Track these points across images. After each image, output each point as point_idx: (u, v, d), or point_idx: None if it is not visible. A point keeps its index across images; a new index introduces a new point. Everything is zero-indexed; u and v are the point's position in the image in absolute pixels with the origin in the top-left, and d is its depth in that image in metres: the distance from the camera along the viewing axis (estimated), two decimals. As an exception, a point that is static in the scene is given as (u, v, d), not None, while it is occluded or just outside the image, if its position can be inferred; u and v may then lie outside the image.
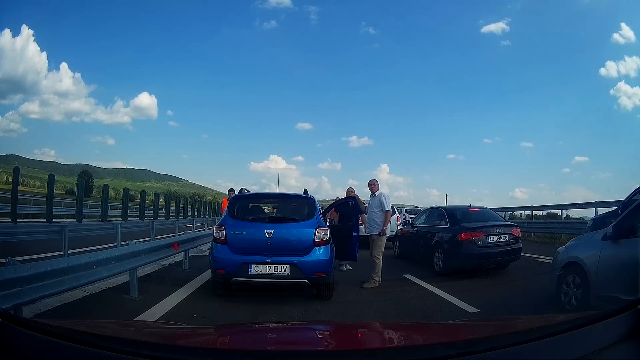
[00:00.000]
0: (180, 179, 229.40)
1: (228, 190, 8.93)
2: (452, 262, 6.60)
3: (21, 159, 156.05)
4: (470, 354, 1.11)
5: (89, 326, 1.60)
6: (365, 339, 1.71)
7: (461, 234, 6.61)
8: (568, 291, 4.01)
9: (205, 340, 1.56)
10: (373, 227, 6.15)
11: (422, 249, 7.71)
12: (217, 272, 4.78)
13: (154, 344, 1.27)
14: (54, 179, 16.94)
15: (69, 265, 3.52)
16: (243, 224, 4.96)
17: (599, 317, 1.32)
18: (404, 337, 1.66)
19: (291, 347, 1.47)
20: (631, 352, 1.20)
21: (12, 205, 13.74)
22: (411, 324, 2.18)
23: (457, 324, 2.19)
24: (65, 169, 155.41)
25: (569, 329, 1.24)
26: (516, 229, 7.03)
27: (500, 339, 1.30)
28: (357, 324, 2.94)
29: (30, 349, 1.14)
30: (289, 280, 4.61)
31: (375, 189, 6.36)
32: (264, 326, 2.32)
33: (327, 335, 1.77)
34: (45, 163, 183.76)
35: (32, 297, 3.11)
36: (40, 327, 1.22)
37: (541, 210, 16.00)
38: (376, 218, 6.13)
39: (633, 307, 1.30)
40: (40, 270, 3.21)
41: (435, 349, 1.25)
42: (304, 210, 5.10)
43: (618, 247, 3.38)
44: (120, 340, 1.28)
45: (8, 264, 3.07)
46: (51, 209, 15.10)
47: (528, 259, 7.86)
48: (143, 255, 5.14)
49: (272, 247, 4.63)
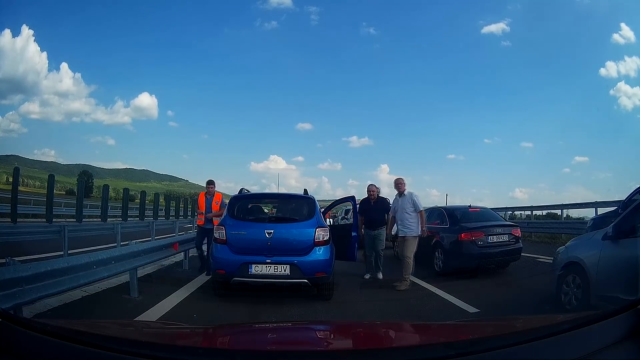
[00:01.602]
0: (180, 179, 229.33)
1: (207, 182, 6.77)
2: (452, 262, 6.60)
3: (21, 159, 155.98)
4: (470, 354, 1.11)
5: (89, 326, 1.60)
6: (365, 339, 1.71)
7: (461, 234, 6.61)
8: (568, 291, 4.01)
9: (205, 340, 1.56)
10: (408, 229, 5.88)
11: (422, 249, 7.69)
12: (217, 272, 4.78)
13: (154, 344, 1.27)
14: (54, 179, 16.96)
15: (69, 265, 3.52)
16: (243, 224, 4.96)
17: (599, 317, 1.32)
18: (404, 337, 1.67)
19: (291, 347, 1.47)
20: (631, 352, 1.20)
21: (12, 205, 13.75)
22: (411, 324, 2.18)
23: (457, 324, 2.19)
24: (65, 169, 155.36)
25: (569, 329, 1.24)
26: (516, 229, 7.04)
27: (500, 339, 1.30)
28: (357, 324, 2.93)
29: (30, 349, 1.14)
30: (289, 280, 4.61)
31: (402, 188, 6.06)
32: (264, 326, 2.32)
33: (327, 335, 1.77)
34: (45, 163, 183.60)
35: (32, 297, 3.11)
36: (40, 327, 1.22)
37: (541, 210, 16.01)
38: (410, 219, 5.87)
39: (633, 307, 1.30)
40: (40, 270, 3.21)
41: (435, 349, 1.25)
42: (304, 210, 5.10)
43: (618, 247, 3.38)
44: (120, 340, 1.28)
45: (8, 264, 3.08)
46: (51, 209, 15.11)
47: (528, 259, 7.85)
48: (143, 255, 5.14)
49: (272, 247, 4.63)
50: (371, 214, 6.38)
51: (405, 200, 5.95)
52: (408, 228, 5.88)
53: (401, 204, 5.96)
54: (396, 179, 6.15)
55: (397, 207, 6.04)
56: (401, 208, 5.95)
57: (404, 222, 5.91)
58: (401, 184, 6.08)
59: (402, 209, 5.93)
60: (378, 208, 6.39)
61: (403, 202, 5.94)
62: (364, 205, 6.51)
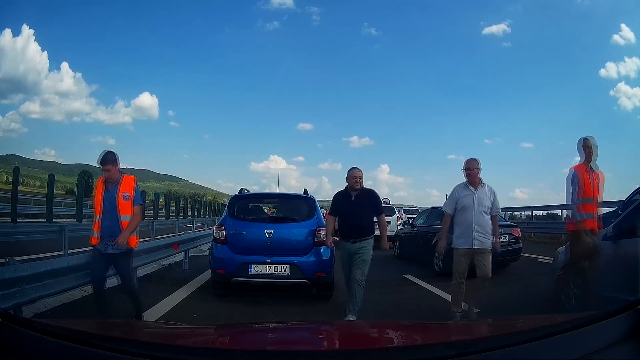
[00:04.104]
0: (180, 179, 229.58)
1: (101, 159, 3.47)
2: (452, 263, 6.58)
3: (21, 159, 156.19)
4: (470, 354, 1.11)
5: (89, 326, 1.61)
6: (365, 339, 1.71)
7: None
8: (568, 291, 4.01)
9: (205, 340, 1.56)
10: (488, 238, 3.93)
11: (422, 249, 7.70)
12: (217, 272, 4.78)
13: (154, 344, 1.27)
14: (54, 179, 16.95)
15: (69, 265, 3.53)
16: (243, 224, 4.96)
17: (599, 317, 1.32)
18: (403, 337, 1.66)
19: (291, 347, 1.47)
20: (631, 352, 1.20)
21: (12, 205, 13.74)
22: (411, 324, 2.17)
23: (457, 324, 2.20)
24: (65, 168, 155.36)
25: (569, 329, 1.24)
26: (516, 229, 7.03)
27: (500, 339, 1.30)
28: (357, 324, 2.94)
29: (30, 349, 1.14)
30: (289, 280, 4.61)
31: (477, 175, 4.04)
32: (264, 326, 2.32)
33: (327, 335, 1.77)
34: (45, 163, 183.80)
35: (32, 297, 3.12)
36: (40, 327, 1.22)
37: (541, 210, 15.98)
38: (489, 223, 3.99)
39: (633, 307, 1.30)
40: (40, 270, 3.22)
41: (435, 349, 1.25)
42: (304, 210, 5.10)
43: (618, 247, 3.38)
44: (120, 340, 1.28)
45: (8, 264, 3.08)
46: (51, 208, 15.09)
47: (528, 259, 7.86)
48: (143, 255, 5.15)
49: (272, 247, 4.63)
50: (351, 216, 4.20)
51: (483, 193, 4.01)
52: (487, 237, 3.96)
53: (478, 199, 3.98)
54: (471, 161, 4.05)
55: (467, 202, 4.00)
56: (478, 204, 3.96)
57: (484, 226, 3.95)
58: (477, 169, 4.02)
59: (478, 205, 3.96)
60: (362, 205, 4.19)
61: (481, 196, 4.00)
62: (340, 201, 4.34)
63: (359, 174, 4.22)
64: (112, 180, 3.49)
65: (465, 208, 3.97)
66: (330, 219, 4.40)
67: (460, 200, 4.02)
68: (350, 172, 4.26)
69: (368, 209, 4.21)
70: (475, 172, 4.00)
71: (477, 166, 4.01)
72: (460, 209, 4.00)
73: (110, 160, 3.45)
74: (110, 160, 3.45)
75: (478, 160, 4.04)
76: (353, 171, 4.24)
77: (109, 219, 3.46)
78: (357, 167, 4.28)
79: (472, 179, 4.00)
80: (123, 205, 3.48)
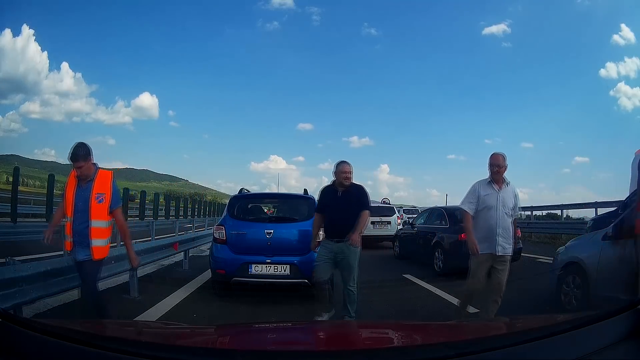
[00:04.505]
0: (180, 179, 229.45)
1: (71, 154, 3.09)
2: (452, 262, 6.58)
3: (21, 159, 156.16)
4: (470, 354, 1.11)
5: (88, 326, 1.60)
6: (365, 339, 1.71)
7: (461, 234, 6.57)
8: (568, 291, 4.02)
9: (205, 340, 1.56)
10: (509, 243, 3.55)
11: (422, 249, 7.71)
12: (217, 272, 4.78)
13: (154, 344, 1.26)
14: (54, 179, 16.90)
15: (68, 265, 3.52)
16: (243, 224, 4.96)
17: (599, 317, 1.32)
18: (404, 337, 1.66)
19: (291, 347, 1.47)
20: (631, 352, 1.20)
21: (12, 205, 13.72)
22: (411, 324, 2.17)
23: (457, 324, 2.19)
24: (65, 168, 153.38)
25: (569, 329, 1.24)
26: (516, 229, 7.02)
27: (500, 339, 1.31)
28: (357, 324, 2.93)
29: (30, 349, 1.13)
30: (289, 281, 4.61)
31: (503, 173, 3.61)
32: (264, 326, 2.32)
33: (327, 335, 1.77)
34: (45, 163, 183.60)
35: (32, 297, 3.12)
36: (40, 327, 1.22)
37: (541, 210, 16.00)
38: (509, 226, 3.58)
39: (633, 307, 1.30)
40: (40, 270, 3.22)
41: (435, 349, 1.25)
42: (304, 210, 5.09)
43: (618, 247, 3.38)
44: (120, 340, 1.28)
45: (8, 264, 3.08)
46: (51, 208, 15.02)
47: (528, 259, 7.86)
48: (143, 255, 5.14)
49: (272, 247, 4.63)
50: (335, 213, 3.85)
51: (507, 193, 3.57)
52: (509, 243, 3.56)
53: (502, 199, 3.53)
54: (499, 156, 3.59)
55: (490, 202, 3.54)
56: (502, 205, 3.52)
57: (507, 230, 3.54)
58: (505, 167, 3.59)
59: (502, 207, 3.52)
60: (349, 202, 3.82)
61: (505, 196, 3.54)
62: (326, 198, 3.99)
63: (348, 169, 3.88)
64: (85, 177, 3.08)
65: (487, 208, 3.52)
66: (317, 217, 4.05)
67: (483, 199, 3.55)
68: (339, 166, 3.90)
69: (355, 206, 3.81)
70: (503, 170, 3.56)
71: (505, 164, 3.57)
72: (481, 209, 3.55)
73: (82, 155, 3.03)
74: (82, 155, 3.03)
75: (505, 157, 3.59)
76: (342, 166, 3.89)
77: (80, 223, 3.05)
78: (346, 161, 3.93)
79: (498, 177, 3.56)
80: (96, 208, 3.06)
